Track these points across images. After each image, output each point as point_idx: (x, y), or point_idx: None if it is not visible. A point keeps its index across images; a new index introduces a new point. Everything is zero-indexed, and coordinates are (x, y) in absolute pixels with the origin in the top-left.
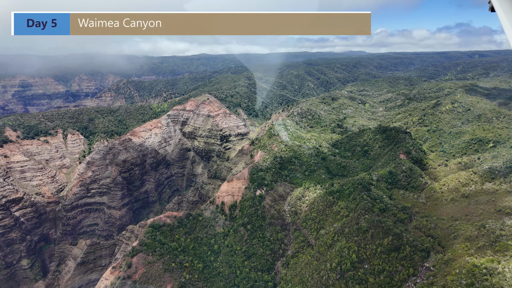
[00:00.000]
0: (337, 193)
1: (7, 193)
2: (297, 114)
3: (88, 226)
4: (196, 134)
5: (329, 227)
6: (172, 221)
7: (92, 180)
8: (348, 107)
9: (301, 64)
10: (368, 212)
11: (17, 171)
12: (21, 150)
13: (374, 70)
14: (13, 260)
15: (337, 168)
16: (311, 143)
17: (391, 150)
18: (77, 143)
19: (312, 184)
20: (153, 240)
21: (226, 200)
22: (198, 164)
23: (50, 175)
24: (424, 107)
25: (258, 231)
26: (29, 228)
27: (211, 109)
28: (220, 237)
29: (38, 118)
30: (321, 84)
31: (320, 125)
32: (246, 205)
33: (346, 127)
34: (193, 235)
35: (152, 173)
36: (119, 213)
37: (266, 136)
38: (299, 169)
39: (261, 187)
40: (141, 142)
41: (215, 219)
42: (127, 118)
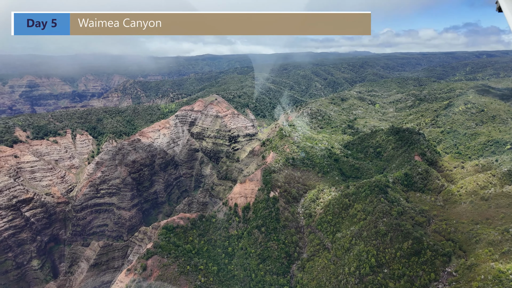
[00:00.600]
0: (353, 195)
1: (18, 193)
2: (307, 115)
3: (97, 227)
4: (205, 135)
5: (346, 230)
6: (186, 223)
7: (101, 181)
8: (358, 107)
9: (307, 65)
10: (386, 215)
11: (27, 171)
12: (30, 150)
13: (381, 70)
14: (23, 261)
15: (351, 170)
16: (323, 144)
17: (405, 152)
18: (86, 143)
19: (327, 186)
20: (167, 242)
21: (239, 201)
22: (207, 165)
23: (60, 176)
24: (436, 108)
25: (273, 234)
26: (39, 228)
27: (219, 110)
28: (234, 239)
29: (47, 118)
30: (328, 85)
31: (331, 126)
32: (260, 207)
33: (357, 128)
34: (206, 237)
35: (161, 173)
36: (128, 213)
37: (278, 137)
38: (312, 171)
39: (274, 188)
40: (150, 142)
41: (229, 221)
42: (135, 118)
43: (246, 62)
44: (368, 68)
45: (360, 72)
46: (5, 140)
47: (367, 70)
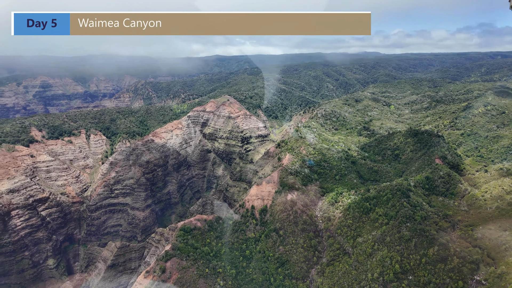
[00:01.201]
0: (373, 199)
1: (34, 193)
2: (321, 116)
3: (112, 227)
4: (217, 136)
5: (367, 235)
6: (203, 225)
7: (115, 181)
8: (373, 109)
9: (317, 65)
10: (410, 220)
11: (43, 171)
12: (46, 150)
13: (393, 71)
14: (39, 259)
15: (369, 173)
16: (340, 146)
17: (424, 155)
18: (99, 143)
19: (346, 190)
20: (186, 244)
21: (256, 204)
22: (219, 165)
23: (75, 175)
24: (454, 110)
25: (291, 237)
26: (54, 228)
27: (232, 111)
28: (252, 242)
29: (62, 118)
30: (340, 85)
31: (346, 127)
32: (277, 210)
33: (373, 130)
34: (224, 239)
35: (174, 174)
36: (142, 214)
37: (293, 139)
38: (329, 173)
39: (291, 191)
40: (163, 143)
41: (246, 224)
42: (148, 118)
43: (255, 63)
44: (380, 69)
45: (372, 73)
46: (21, 139)
47: (379, 71)
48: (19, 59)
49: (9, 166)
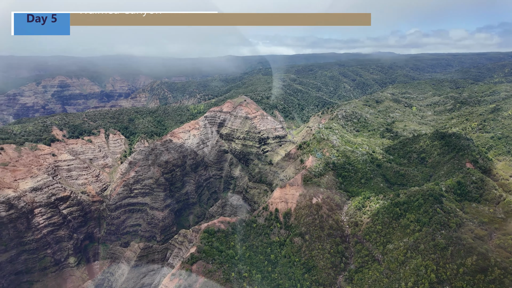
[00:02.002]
0: (404, 204)
1: (56, 191)
2: (341, 117)
3: (131, 227)
4: (234, 136)
5: (398, 242)
6: (226, 227)
7: (135, 181)
8: (394, 110)
9: (332, 65)
10: (444, 227)
11: (64, 170)
12: (67, 149)
13: (410, 71)
14: (61, 258)
15: (395, 176)
16: (364, 149)
17: (453, 158)
18: (118, 143)
19: (373, 194)
20: (211, 247)
21: (279, 207)
22: (236, 166)
23: (95, 174)
24: (482, 112)
25: (317, 242)
26: (75, 226)
27: (249, 111)
28: (276, 246)
29: (82, 117)
30: (357, 86)
31: (367, 129)
32: (302, 214)
33: (397, 132)
34: (248, 242)
35: (192, 174)
36: (161, 214)
37: (315, 140)
38: (354, 177)
39: (316, 194)
40: (181, 143)
41: (270, 227)
42: (165, 118)
43: (268, 63)
44: (397, 70)
45: (389, 73)
46: (43, 138)
47: (397, 72)
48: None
49: (32, 164)
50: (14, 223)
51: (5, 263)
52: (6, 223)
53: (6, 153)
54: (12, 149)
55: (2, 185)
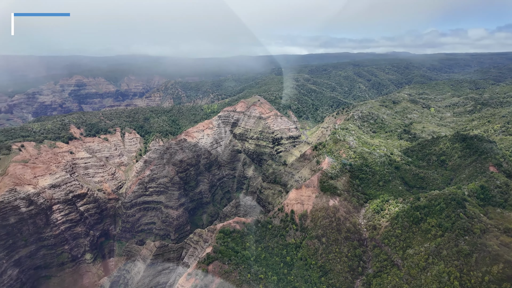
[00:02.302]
0: (424, 208)
1: (74, 188)
2: (357, 118)
3: (145, 224)
4: (247, 136)
5: (419, 247)
6: (242, 228)
7: (150, 179)
8: (412, 111)
9: (346, 65)
10: (468, 233)
11: (81, 167)
12: (84, 147)
13: (427, 72)
14: (78, 254)
15: (414, 179)
16: (381, 150)
17: (475, 161)
18: (133, 141)
19: (392, 197)
20: (226, 247)
21: (295, 208)
22: (249, 166)
23: (111, 172)
24: (505, 114)
25: (334, 245)
26: (92, 223)
27: (263, 111)
28: (292, 248)
29: (98, 116)
30: (372, 86)
31: (384, 130)
32: (319, 216)
33: (415, 133)
34: (263, 244)
35: (205, 174)
36: (176, 213)
37: (331, 141)
38: (372, 179)
39: (333, 196)
40: (195, 142)
41: (285, 229)
42: (179, 118)
43: (281, 63)
44: (414, 70)
45: (406, 73)
46: (61, 136)
47: (413, 72)
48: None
49: (50, 162)
50: (34, 219)
51: (24, 258)
52: (26, 219)
53: (27, 150)
54: (32, 147)
55: (23, 181)
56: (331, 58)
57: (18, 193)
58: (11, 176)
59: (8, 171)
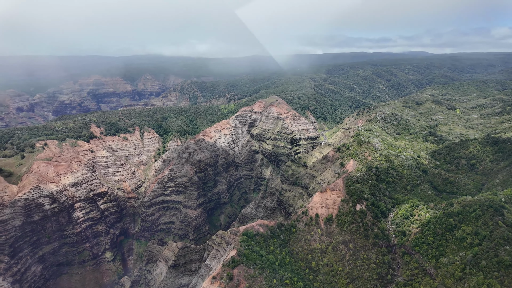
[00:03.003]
0: (459, 215)
1: (94, 187)
2: (380, 119)
3: (164, 224)
4: (265, 137)
5: (453, 256)
6: (265, 231)
7: (169, 178)
8: (437, 112)
9: (364, 65)
10: (509, 242)
11: (101, 166)
12: (104, 146)
13: (449, 72)
14: (98, 252)
15: (443, 184)
16: (408, 153)
17: (509, 166)
18: (152, 141)
19: (422, 202)
20: (251, 251)
21: (320, 212)
22: (267, 167)
23: (130, 171)
24: None
25: (362, 251)
26: (112, 222)
27: (280, 111)
28: (318, 254)
29: (118, 115)
30: (392, 86)
31: (409, 132)
32: (346, 221)
33: (441, 136)
34: (287, 248)
35: (223, 174)
36: (194, 213)
37: (355, 143)
38: (399, 183)
39: (360, 201)
40: (213, 142)
41: (310, 233)
42: (197, 118)
43: (296, 63)
44: (434, 70)
45: (426, 73)
46: (82, 135)
47: (434, 72)
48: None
49: (72, 160)
50: (57, 217)
51: (48, 255)
52: (50, 216)
53: (50, 148)
54: (54, 145)
55: (46, 179)
56: (346, 58)
57: (42, 191)
58: (35, 174)
59: (32, 169)
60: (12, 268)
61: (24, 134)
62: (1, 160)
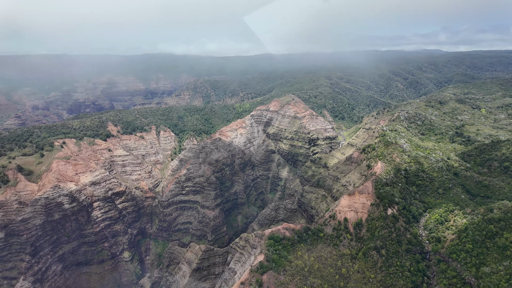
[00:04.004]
0: (500, 221)
1: (112, 186)
2: (404, 118)
3: (182, 224)
4: (281, 136)
5: (496, 265)
6: (292, 235)
7: (186, 178)
8: (462, 112)
9: (379, 63)
10: None
11: (119, 165)
12: (121, 144)
13: (468, 70)
14: (116, 252)
15: (477, 187)
16: (437, 155)
17: None
18: (168, 140)
19: (458, 207)
20: (279, 256)
21: (349, 216)
22: (283, 167)
23: (147, 170)
24: None
25: (395, 258)
26: (129, 221)
27: (297, 110)
28: (347, 260)
29: (134, 114)
30: (410, 85)
31: (434, 132)
32: (377, 226)
33: (469, 136)
34: (315, 253)
35: (240, 174)
36: (212, 213)
37: (382, 144)
38: (430, 186)
39: (392, 205)
40: (229, 142)
41: (339, 238)
42: (212, 117)
43: (308, 61)
44: (453, 68)
45: (444, 72)
46: (99, 134)
47: (453, 70)
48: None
49: (90, 159)
50: (76, 216)
51: (67, 254)
52: (69, 215)
53: (68, 147)
54: (72, 143)
55: (65, 178)
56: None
57: (61, 190)
58: (55, 173)
59: (51, 168)
60: (33, 267)
61: (42, 133)
62: (21, 159)
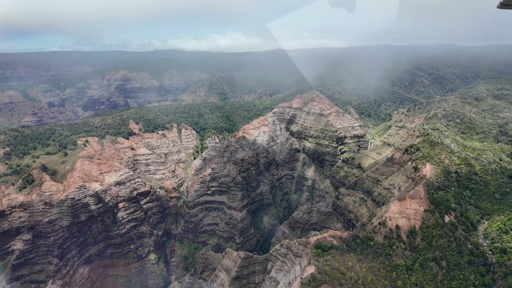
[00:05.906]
0: None
1: (137, 186)
2: (441, 116)
3: (208, 225)
4: (306, 134)
5: None
6: (339, 243)
7: (211, 178)
8: (503, 109)
9: (400, 58)
10: None
11: (142, 164)
12: (143, 143)
13: (494, 64)
14: (142, 253)
15: None
16: (488, 156)
17: None
18: (190, 138)
19: None
20: (331, 268)
21: (400, 224)
22: (309, 166)
23: (171, 170)
24: None
25: (456, 271)
26: (155, 222)
27: (323, 107)
28: (402, 271)
29: (155, 112)
30: (435, 81)
31: (475, 131)
32: (434, 234)
33: None
34: (366, 263)
35: (265, 173)
36: (240, 214)
37: (427, 144)
38: (484, 190)
39: (448, 211)
40: (253, 140)
41: (391, 247)
42: (232, 114)
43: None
44: (478, 62)
45: (470, 67)
46: (121, 132)
47: (479, 65)
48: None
49: (113, 158)
50: (102, 217)
51: (94, 256)
52: (96, 216)
53: (91, 145)
54: (95, 142)
55: (90, 177)
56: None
57: (87, 190)
58: (80, 172)
59: (76, 167)
60: (61, 270)
61: (64, 131)
62: (45, 158)
